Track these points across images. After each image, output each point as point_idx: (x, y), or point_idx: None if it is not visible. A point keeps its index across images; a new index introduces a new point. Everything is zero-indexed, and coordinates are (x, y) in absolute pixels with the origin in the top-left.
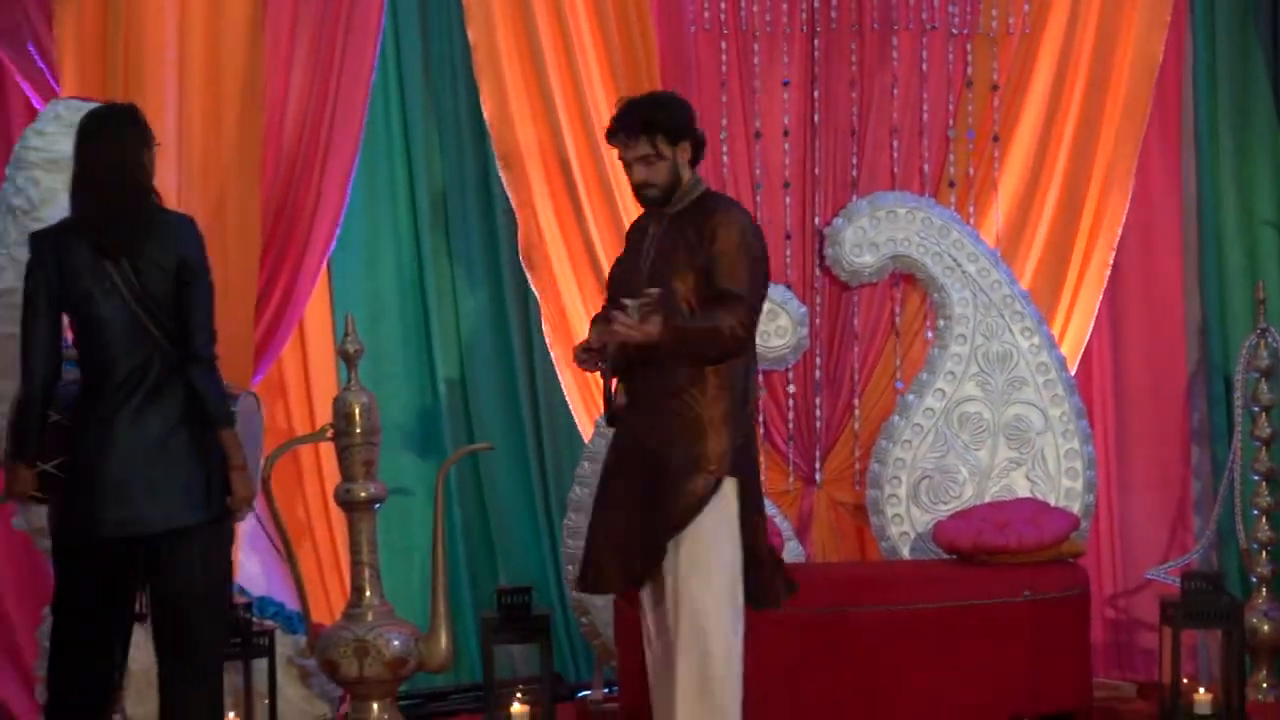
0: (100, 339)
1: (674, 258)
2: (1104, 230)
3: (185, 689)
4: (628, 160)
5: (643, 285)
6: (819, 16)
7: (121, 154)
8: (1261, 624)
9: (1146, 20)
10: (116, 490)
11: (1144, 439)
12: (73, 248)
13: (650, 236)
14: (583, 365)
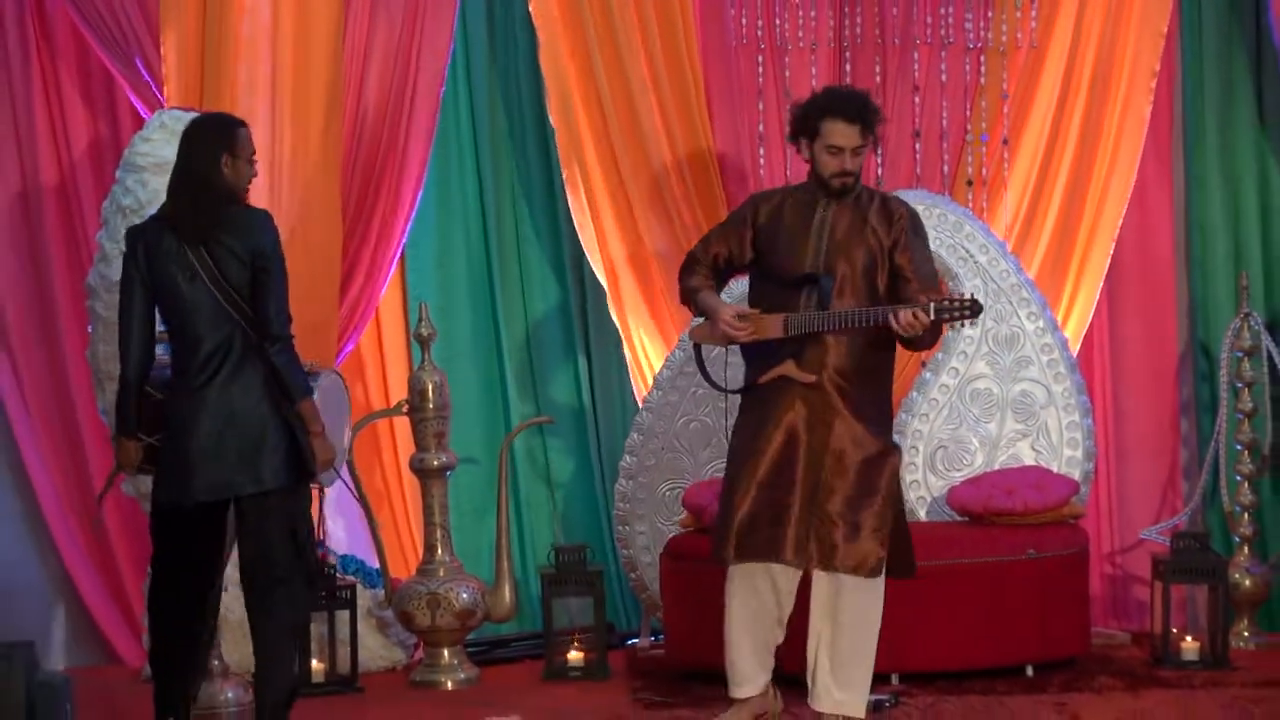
0: (186, 320)
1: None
2: (1104, 224)
3: (272, 632)
4: (841, 147)
5: (822, 265)
6: (846, 32)
7: (201, 158)
8: (1243, 579)
9: (1143, 33)
10: (205, 457)
11: (1138, 412)
12: (160, 239)
13: (821, 221)
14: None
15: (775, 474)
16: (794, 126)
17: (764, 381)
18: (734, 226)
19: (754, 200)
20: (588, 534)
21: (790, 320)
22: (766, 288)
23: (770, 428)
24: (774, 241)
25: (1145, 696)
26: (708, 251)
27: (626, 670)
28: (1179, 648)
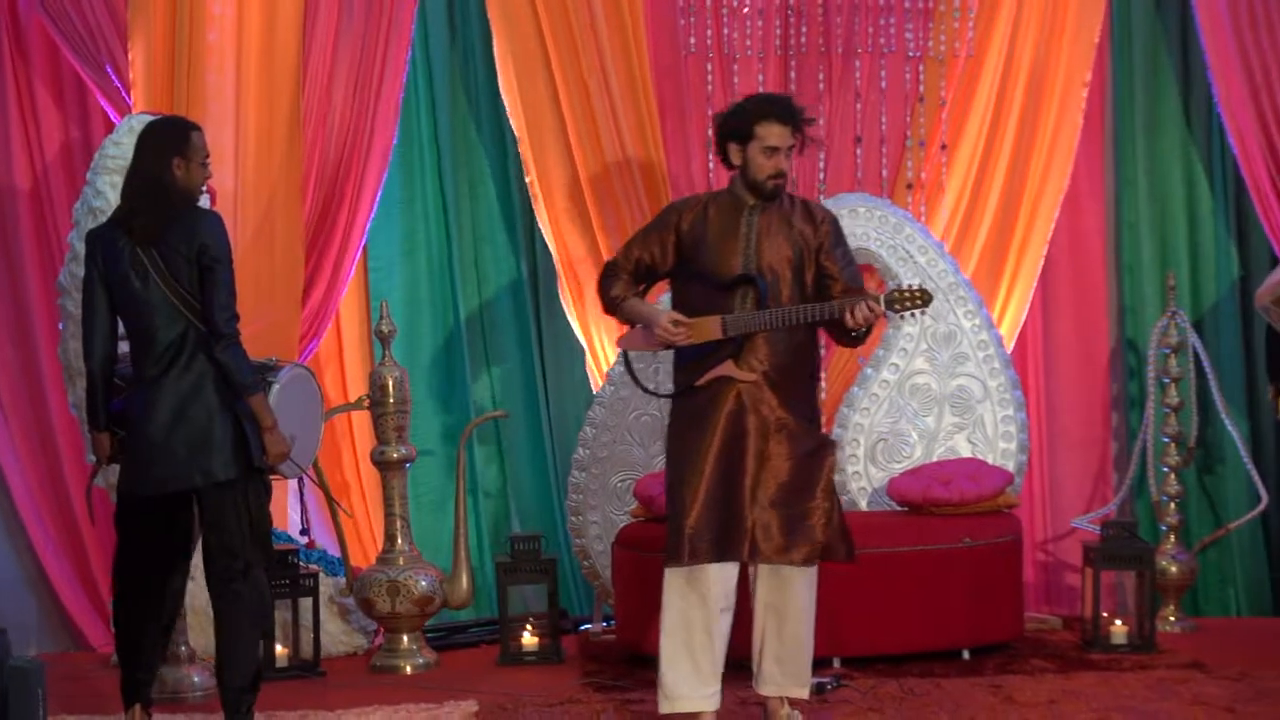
0: (141, 317)
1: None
2: (1038, 226)
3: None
4: (777, 148)
5: (754, 268)
6: (791, 42)
7: (153, 160)
8: (1170, 565)
9: (1076, 44)
10: (158, 450)
11: (1070, 406)
12: (114, 239)
13: (748, 224)
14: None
15: (720, 474)
16: (724, 131)
17: (703, 383)
18: (656, 232)
19: (674, 208)
20: (543, 523)
21: (728, 321)
22: (693, 292)
23: (710, 428)
24: (701, 246)
25: (1076, 678)
26: (629, 258)
27: (579, 654)
28: (1108, 632)
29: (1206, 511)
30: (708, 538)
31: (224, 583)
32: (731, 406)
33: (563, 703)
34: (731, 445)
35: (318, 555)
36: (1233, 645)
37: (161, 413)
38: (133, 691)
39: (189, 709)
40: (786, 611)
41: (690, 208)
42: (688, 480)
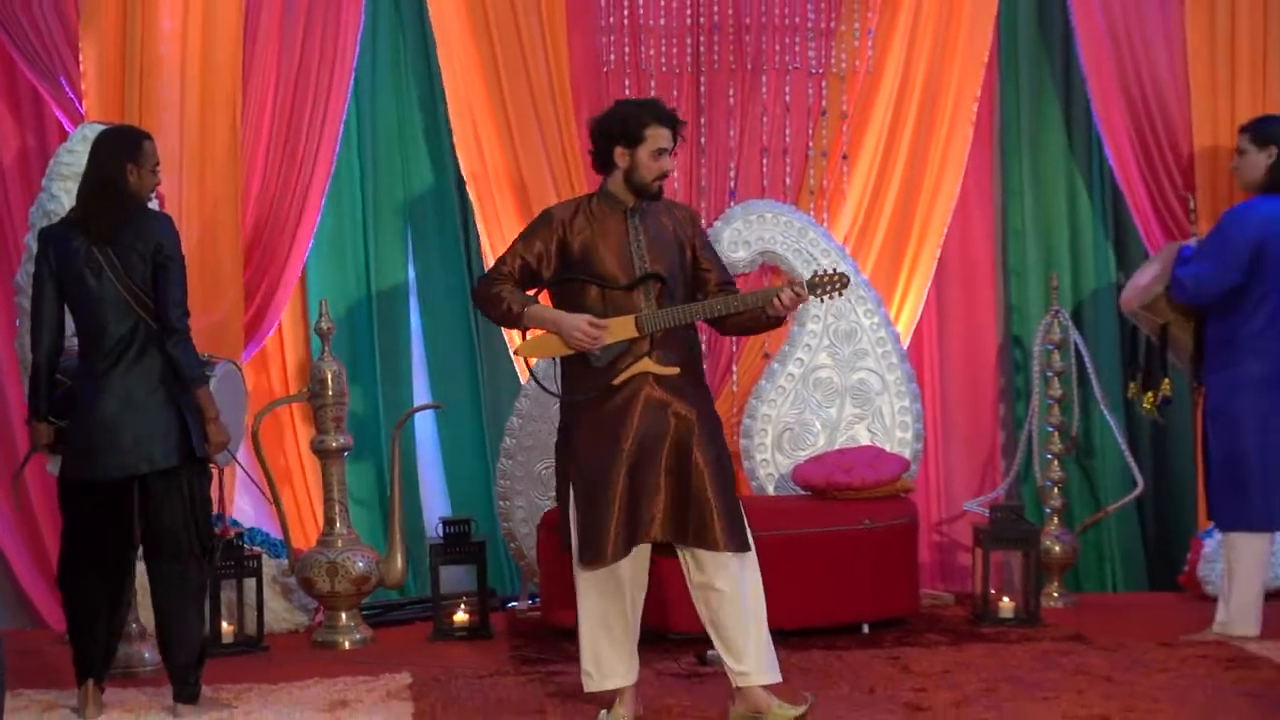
0: (93, 312)
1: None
2: (932, 230)
3: (174, 600)
4: (665, 150)
5: (646, 266)
6: (703, 60)
7: (108, 166)
8: (1053, 546)
9: (966, 62)
10: (106, 439)
11: (961, 398)
12: (69, 238)
13: (630, 226)
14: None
15: (637, 468)
16: (612, 134)
17: (620, 381)
18: (537, 239)
19: (551, 214)
20: (474, 507)
21: (644, 319)
22: (583, 295)
23: (627, 425)
24: (592, 248)
25: (967, 650)
26: (511, 265)
27: (507, 630)
28: (997, 607)
29: (1086, 495)
30: (624, 534)
31: (166, 565)
32: (645, 402)
33: (491, 675)
34: (649, 441)
35: (261, 538)
36: (1111, 618)
37: (110, 403)
38: (86, 668)
39: (140, 683)
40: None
41: (568, 211)
42: (609, 480)
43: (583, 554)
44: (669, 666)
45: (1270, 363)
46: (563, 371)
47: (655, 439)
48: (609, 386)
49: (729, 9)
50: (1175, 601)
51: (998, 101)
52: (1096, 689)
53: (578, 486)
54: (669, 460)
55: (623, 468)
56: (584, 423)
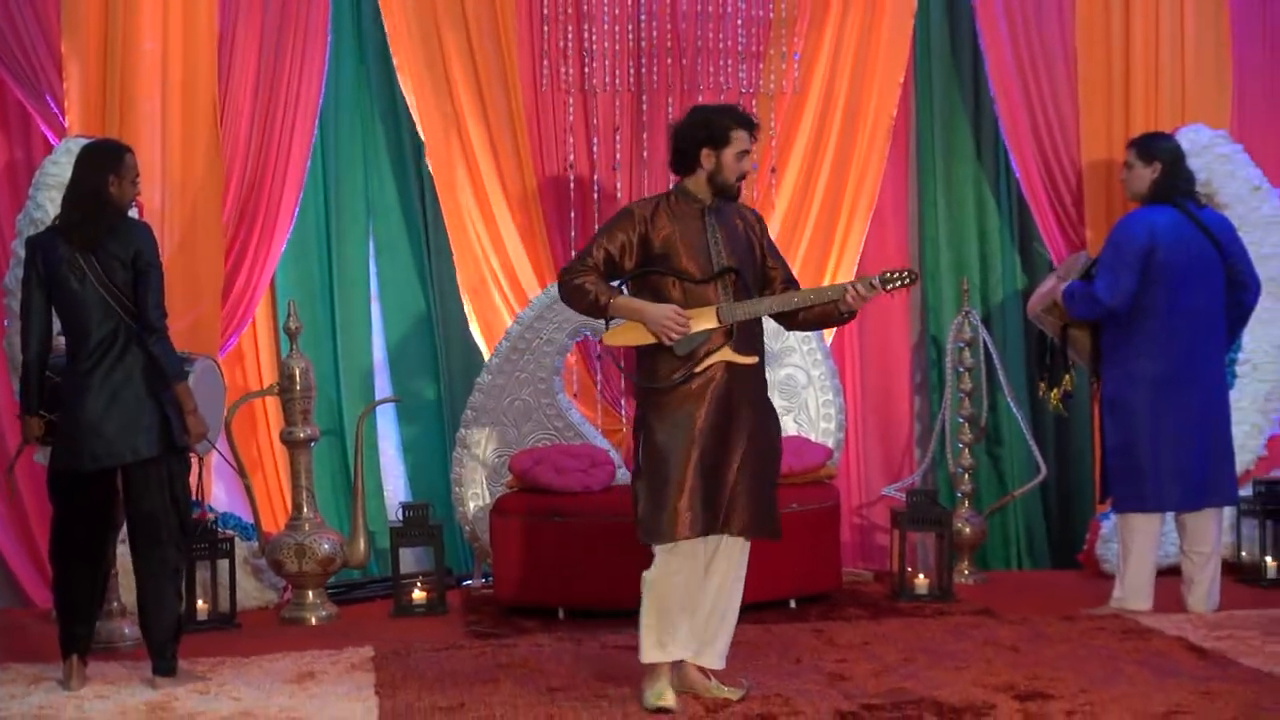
0: (77, 314)
1: (744, 241)
2: (852, 238)
3: (154, 580)
4: (748, 151)
5: (724, 261)
6: (644, 81)
7: (91, 178)
8: (964, 527)
9: (884, 83)
10: (92, 431)
11: (880, 392)
12: (54, 246)
13: (708, 224)
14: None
15: (711, 454)
16: (699, 137)
17: (701, 369)
18: (620, 232)
19: (633, 210)
20: (432, 494)
21: (723, 310)
22: (661, 287)
23: (703, 411)
24: (673, 243)
25: (886, 623)
26: (596, 256)
27: (462, 607)
28: (913, 583)
29: (994, 481)
30: (699, 515)
31: (147, 548)
32: (719, 392)
33: (447, 648)
34: (723, 425)
35: (234, 522)
36: (1017, 594)
37: (96, 399)
38: (71, 644)
39: (120, 657)
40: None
41: (649, 208)
42: (680, 463)
43: (645, 533)
44: (612, 639)
45: (1162, 360)
46: (642, 360)
47: (728, 426)
48: (690, 374)
49: (668, 34)
50: (1075, 578)
51: (913, 120)
52: (1003, 659)
53: (647, 472)
54: (730, 451)
55: (694, 454)
56: (662, 410)
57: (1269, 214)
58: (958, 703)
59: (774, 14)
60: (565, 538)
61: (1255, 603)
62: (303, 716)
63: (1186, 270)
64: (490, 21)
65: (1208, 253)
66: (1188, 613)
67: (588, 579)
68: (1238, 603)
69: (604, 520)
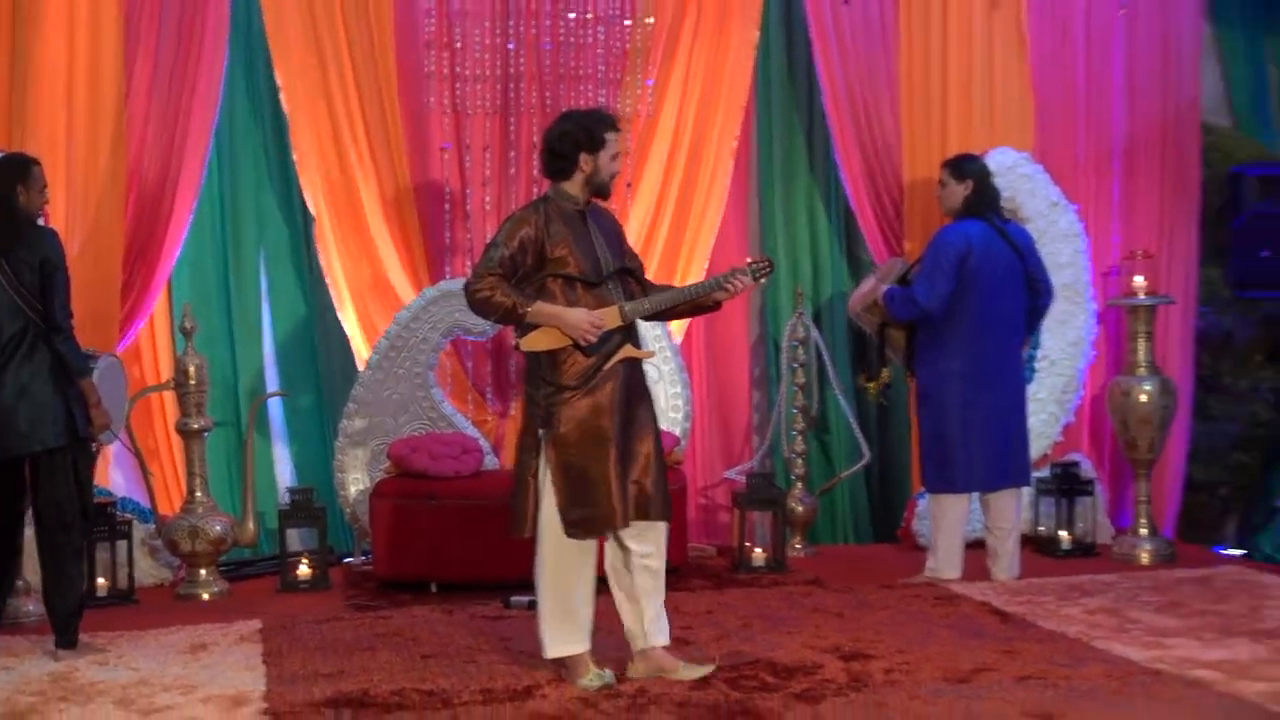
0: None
1: (616, 240)
2: (700, 248)
3: (58, 561)
4: (619, 154)
5: (609, 260)
6: (511, 103)
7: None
8: (797, 506)
9: (729, 109)
10: (3, 422)
11: (724, 385)
12: None
13: (593, 225)
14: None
15: (624, 446)
16: (578, 141)
17: (610, 366)
18: (518, 233)
19: (524, 216)
20: (317, 478)
21: (626, 309)
22: (555, 289)
23: (610, 407)
24: (566, 246)
25: (727, 593)
26: (500, 262)
27: (343, 582)
28: (751, 557)
29: (824, 464)
30: (621, 509)
31: (53, 532)
32: (622, 384)
33: (330, 620)
34: (628, 418)
35: (132, 506)
36: (843, 566)
37: (6, 393)
38: None
39: (25, 632)
40: (651, 566)
41: (538, 214)
42: (600, 459)
43: (575, 529)
44: (480, 610)
45: (971, 358)
46: (552, 362)
47: (632, 424)
48: (599, 371)
49: (533, 62)
50: (894, 551)
51: (754, 141)
52: (831, 624)
53: (561, 470)
54: (633, 440)
55: (614, 452)
56: (569, 411)
57: (1065, 228)
58: (790, 663)
59: (630, 45)
60: (438, 518)
61: (1052, 571)
62: (196, 684)
63: (994, 278)
64: (368, 47)
65: (1012, 262)
66: (992, 581)
67: (458, 555)
68: (1036, 571)
69: (473, 502)
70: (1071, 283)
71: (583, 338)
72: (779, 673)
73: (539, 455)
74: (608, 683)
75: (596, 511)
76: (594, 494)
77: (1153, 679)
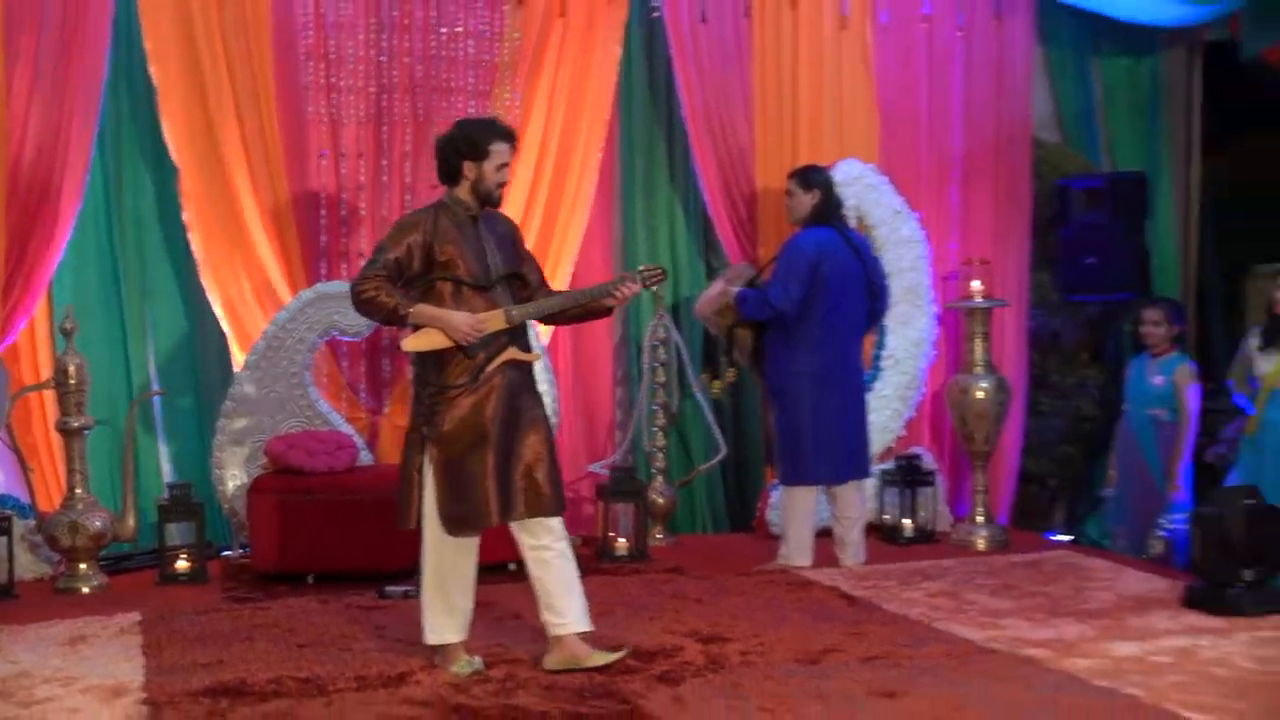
0: None
1: (510, 246)
2: (566, 254)
3: None
4: (507, 163)
5: (499, 266)
6: (384, 112)
7: None
8: (658, 498)
9: (593, 120)
10: None
11: (588, 384)
12: None
13: (481, 232)
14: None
15: (505, 445)
16: (460, 150)
17: (494, 368)
18: (406, 238)
19: (412, 221)
20: (195, 475)
21: (513, 313)
22: (442, 293)
23: (492, 407)
24: (455, 251)
25: (591, 581)
26: (384, 264)
27: (221, 575)
28: (614, 547)
29: (683, 458)
30: (496, 507)
31: None
32: (506, 385)
33: (208, 612)
34: (511, 417)
35: (12, 503)
36: (701, 554)
37: None
38: None
39: None
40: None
41: (428, 219)
42: (476, 458)
43: (452, 526)
44: (355, 600)
45: (821, 356)
46: (436, 362)
47: (517, 423)
48: (481, 374)
49: (407, 73)
50: (749, 540)
51: (618, 153)
52: (690, 609)
53: (442, 467)
54: (517, 439)
55: (493, 450)
56: (451, 410)
57: (908, 235)
58: (652, 647)
59: (498, 59)
60: (314, 512)
61: (896, 557)
62: (75, 676)
63: (841, 283)
64: (246, 56)
65: (855, 268)
66: (840, 567)
67: (334, 548)
68: (881, 558)
69: (348, 497)
70: (913, 286)
71: (463, 339)
72: (641, 656)
73: (423, 452)
74: (478, 669)
75: (470, 509)
76: (471, 492)
77: (988, 657)
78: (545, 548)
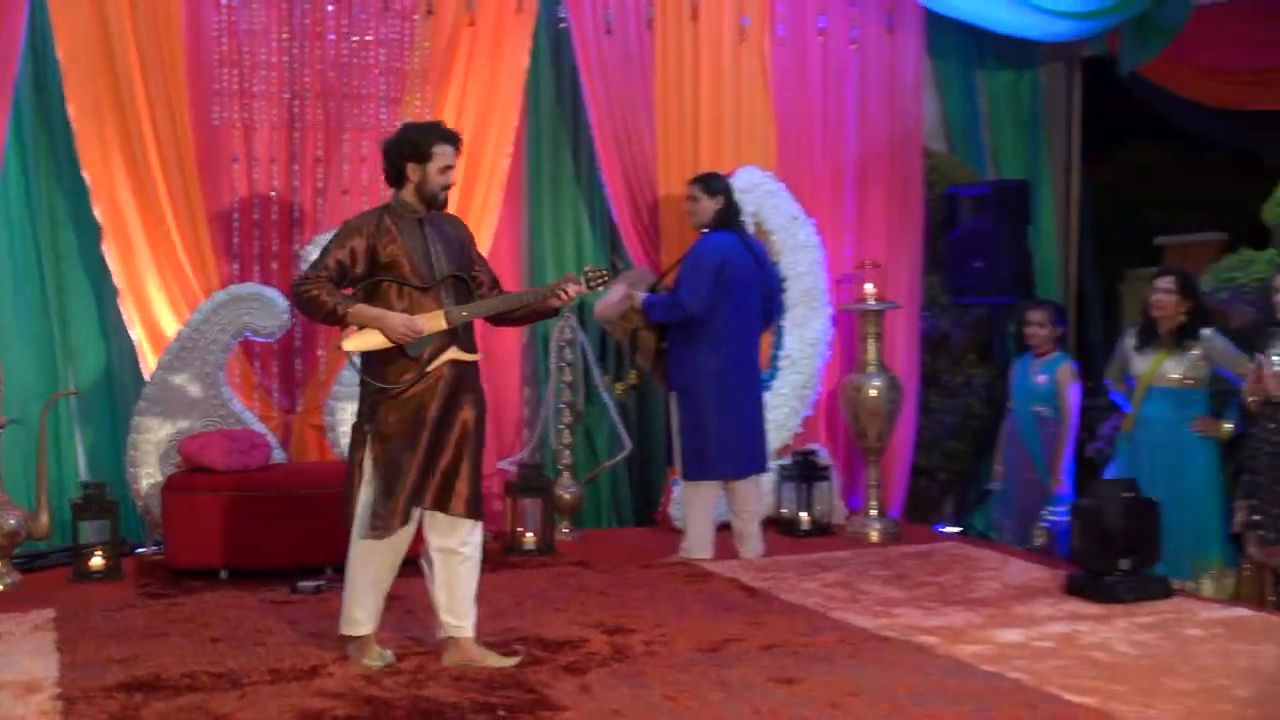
0: None
1: (458, 249)
2: None
3: None
4: (450, 167)
5: (444, 268)
6: (297, 119)
7: None
8: (564, 494)
9: (501, 127)
10: None
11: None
12: None
13: (427, 234)
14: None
15: (433, 445)
16: (404, 153)
17: (434, 369)
18: (350, 240)
19: (357, 223)
20: (109, 473)
21: (453, 314)
22: (386, 294)
23: (433, 406)
24: (398, 253)
25: (500, 574)
26: (327, 265)
27: (136, 571)
28: (522, 541)
29: (589, 455)
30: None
31: None
32: (447, 385)
33: (122, 608)
34: (448, 416)
35: None
36: (606, 548)
37: None
38: None
39: None
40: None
41: (373, 222)
42: (407, 457)
43: (373, 527)
44: (269, 595)
45: (725, 355)
46: (373, 364)
47: (449, 421)
48: (423, 374)
49: (318, 79)
50: (652, 534)
51: (526, 158)
52: (595, 601)
53: (381, 464)
54: (446, 437)
55: (423, 447)
56: (393, 408)
57: (804, 239)
58: (558, 638)
59: (409, 66)
60: (228, 509)
61: (793, 550)
62: None
63: (742, 285)
64: (159, 61)
65: (754, 271)
66: (740, 559)
67: (247, 544)
68: (780, 550)
69: (261, 494)
70: (809, 289)
71: (400, 340)
72: (548, 647)
73: (365, 448)
74: (389, 662)
75: (384, 514)
76: (395, 490)
77: (882, 644)
78: (454, 551)
